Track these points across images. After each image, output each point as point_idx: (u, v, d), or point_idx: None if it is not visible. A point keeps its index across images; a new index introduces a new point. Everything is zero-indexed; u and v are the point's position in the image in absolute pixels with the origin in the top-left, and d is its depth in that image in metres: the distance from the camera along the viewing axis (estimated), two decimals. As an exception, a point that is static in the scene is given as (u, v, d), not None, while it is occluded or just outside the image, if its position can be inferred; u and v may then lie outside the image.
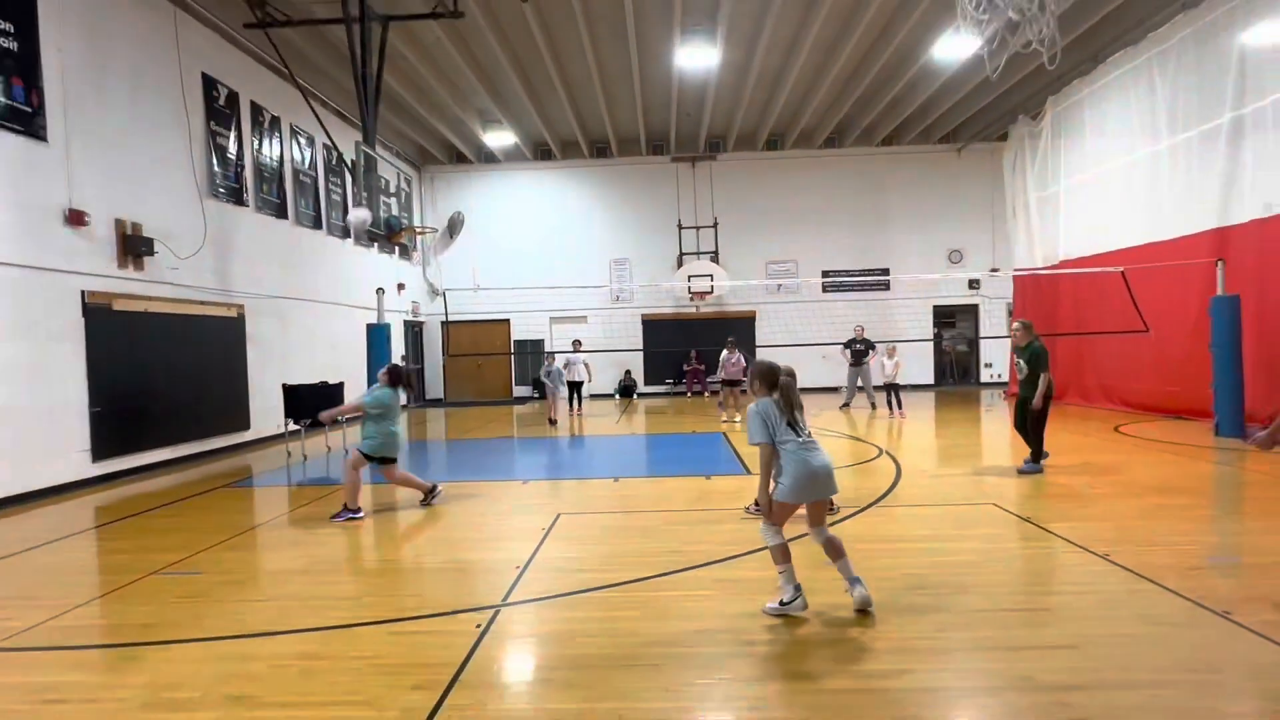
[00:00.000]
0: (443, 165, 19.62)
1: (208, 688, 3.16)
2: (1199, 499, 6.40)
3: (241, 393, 11.25)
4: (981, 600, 3.97)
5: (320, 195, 14.01)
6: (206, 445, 10.44)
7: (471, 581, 4.55)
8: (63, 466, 7.98)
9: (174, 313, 9.76)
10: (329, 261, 14.29)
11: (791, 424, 3.80)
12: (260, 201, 11.91)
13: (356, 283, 14.87)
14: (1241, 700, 2.80)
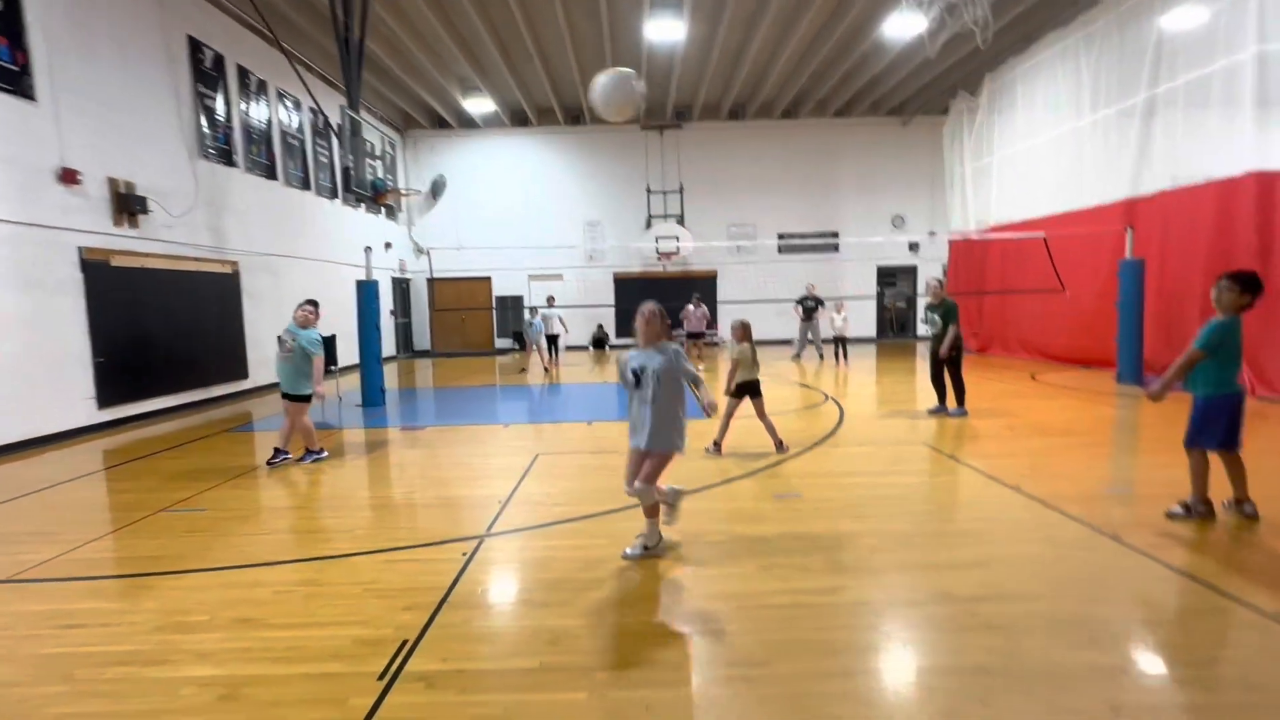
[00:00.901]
0: (425, 129, 18.94)
1: (216, 611, 3.17)
2: (1100, 438, 6.67)
3: (239, 344, 10.98)
4: (908, 526, 4.13)
5: (308, 157, 13.47)
6: (207, 393, 10.22)
7: (457, 515, 4.59)
8: (70, 413, 7.77)
9: (171, 269, 9.41)
10: (318, 221, 13.84)
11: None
12: (250, 163, 11.41)
13: (345, 241, 14.45)
14: (1118, 606, 2.99)
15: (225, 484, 5.53)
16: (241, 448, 7.16)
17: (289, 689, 2.51)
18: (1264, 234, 8.37)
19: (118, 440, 7.65)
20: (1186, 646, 2.67)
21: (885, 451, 6.14)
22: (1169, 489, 4.28)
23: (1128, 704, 2.29)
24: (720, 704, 2.35)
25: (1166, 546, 3.61)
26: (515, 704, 2.38)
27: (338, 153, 14.34)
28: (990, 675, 2.46)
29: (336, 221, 14.56)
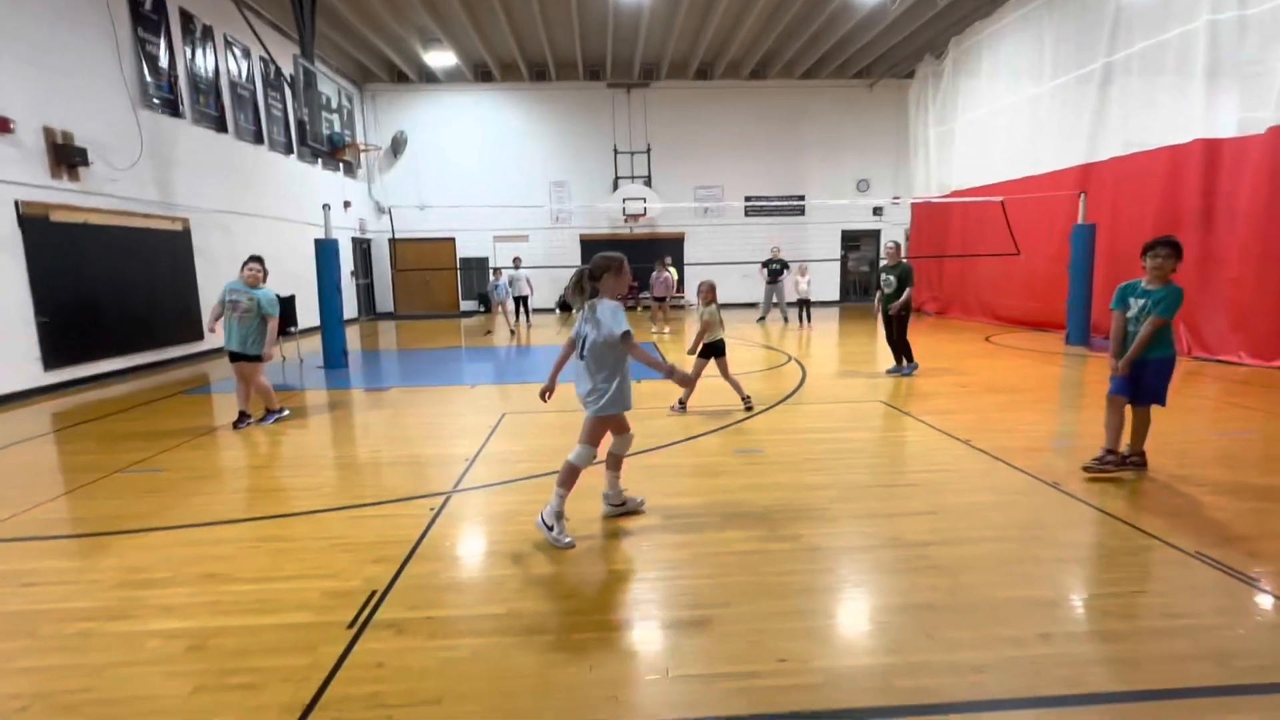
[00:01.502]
0: (384, 83, 18.24)
1: (179, 568, 3.16)
2: (1047, 395, 6.96)
3: (193, 304, 10.61)
4: (864, 478, 4.30)
5: (260, 110, 12.88)
6: (161, 355, 9.92)
7: (424, 473, 4.60)
8: (14, 375, 7.47)
9: (116, 225, 9.00)
10: (273, 177, 13.32)
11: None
12: (198, 114, 10.87)
13: (302, 199, 13.96)
14: (1054, 548, 3.18)
15: (184, 445, 5.43)
16: (199, 409, 7.01)
17: (258, 638, 2.53)
18: (1208, 199, 8.69)
19: (67, 403, 7.41)
20: (1113, 581, 2.87)
21: (844, 409, 6.32)
22: (1107, 441, 4.50)
23: (1057, 632, 2.46)
24: (681, 641, 2.45)
25: (1101, 493, 3.83)
26: (483, 646, 2.45)
27: (291, 105, 13.77)
28: (936, 611, 2.61)
29: (293, 178, 14.04)
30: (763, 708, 2.07)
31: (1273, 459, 4.54)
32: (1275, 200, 7.82)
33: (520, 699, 2.14)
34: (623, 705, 2.10)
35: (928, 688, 2.15)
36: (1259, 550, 3.07)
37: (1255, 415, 5.67)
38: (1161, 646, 2.35)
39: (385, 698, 2.16)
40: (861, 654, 2.39)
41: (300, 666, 2.34)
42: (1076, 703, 2.06)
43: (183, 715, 2.11)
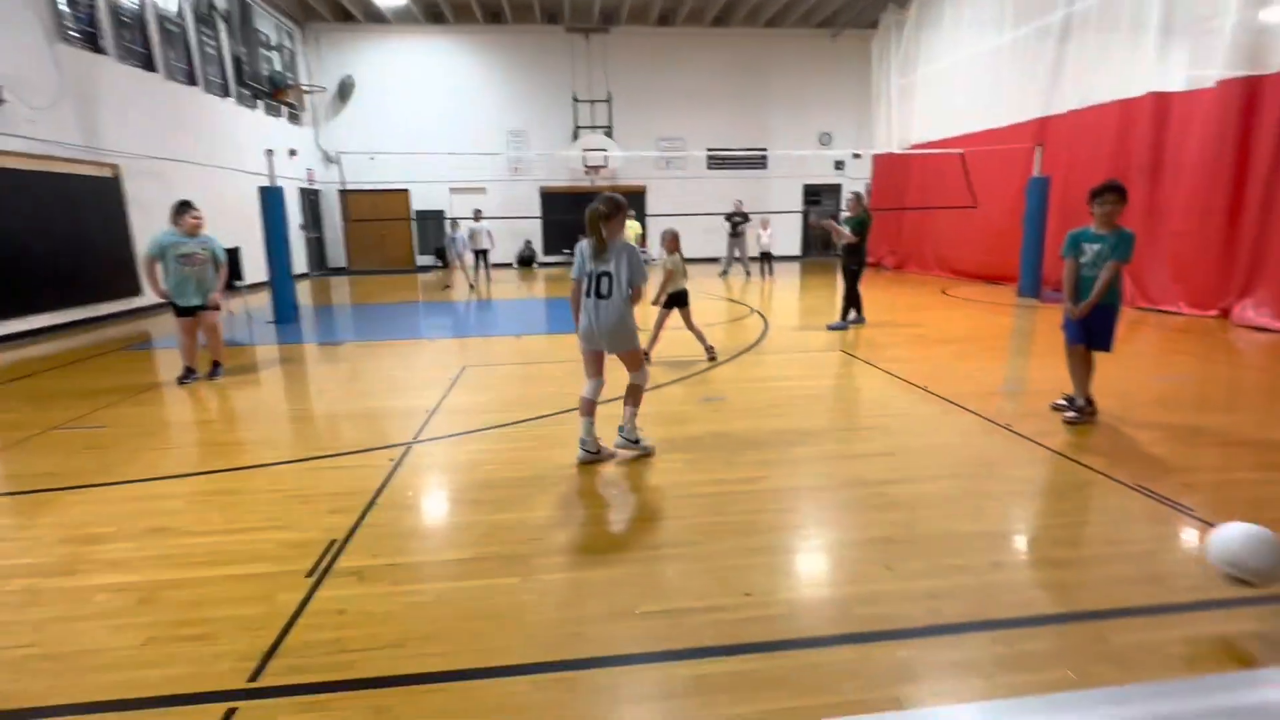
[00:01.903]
0: (328, 23, 17.19)
1: (123, 523, 3.03)
2: (999, 344, 7.16)
3: (128, 257, 10.04)
4: (825, 423, 4.37)
5: (191, 47, 12.01)
6: (96, 310, 9.40)
7: (383, 424, 4.50)
8: (-68, 331, 7.01)
9: (36, 169, 8.38)
10: (211, 122, 12.53)
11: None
12: (122, 50, 10.09)
13: (243, 145, 13.22)
14: (1006, 484, 3.29)
15: (125, 401, 5.19)
16: (141, 365, 6.69)
17: (211, 590, 2.45)
18: (1156, 153, 8.91)
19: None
20: (1060, 513, 3.00)
21: (806, 358, 6.39)
22: (1056, 385, 4.66)
23: (1006, 561, 2.56)
24: (646, 580, 2.47)
25: (1049, 433, 3.98)
26: (448, 590, 2.42)
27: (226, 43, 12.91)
28: (893, 544, 2.69)
29: (232, 123, 13.25)
30: (729, 639, 2.10)
31: (1205, 400, 4.77)
32: (1219, 155, 8.05)
33: (487, 639, 2.13)
34: (590, 641, 2.11)
35: (886, 615, 2.21)
36: (1192, 482, 3.24)
37: (1191, 361, 5.94)
38: (1104, 571, 2.46)
39: (347, 643, 2.12)
40: (823, 586, 2.44)
41: (257, 615, 2.28)
42: (1026, 624, 2.15)
43: (134, 667, 2.04)
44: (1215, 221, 8.12)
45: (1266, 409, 4.55)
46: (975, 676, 1.90)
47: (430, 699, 1.88)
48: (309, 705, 1.86)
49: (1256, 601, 2.24)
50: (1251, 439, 3.83)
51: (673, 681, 1.93)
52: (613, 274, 3.46)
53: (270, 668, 2.01)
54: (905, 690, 1.86)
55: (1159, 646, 2.02)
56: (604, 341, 3.56)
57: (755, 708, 1.79)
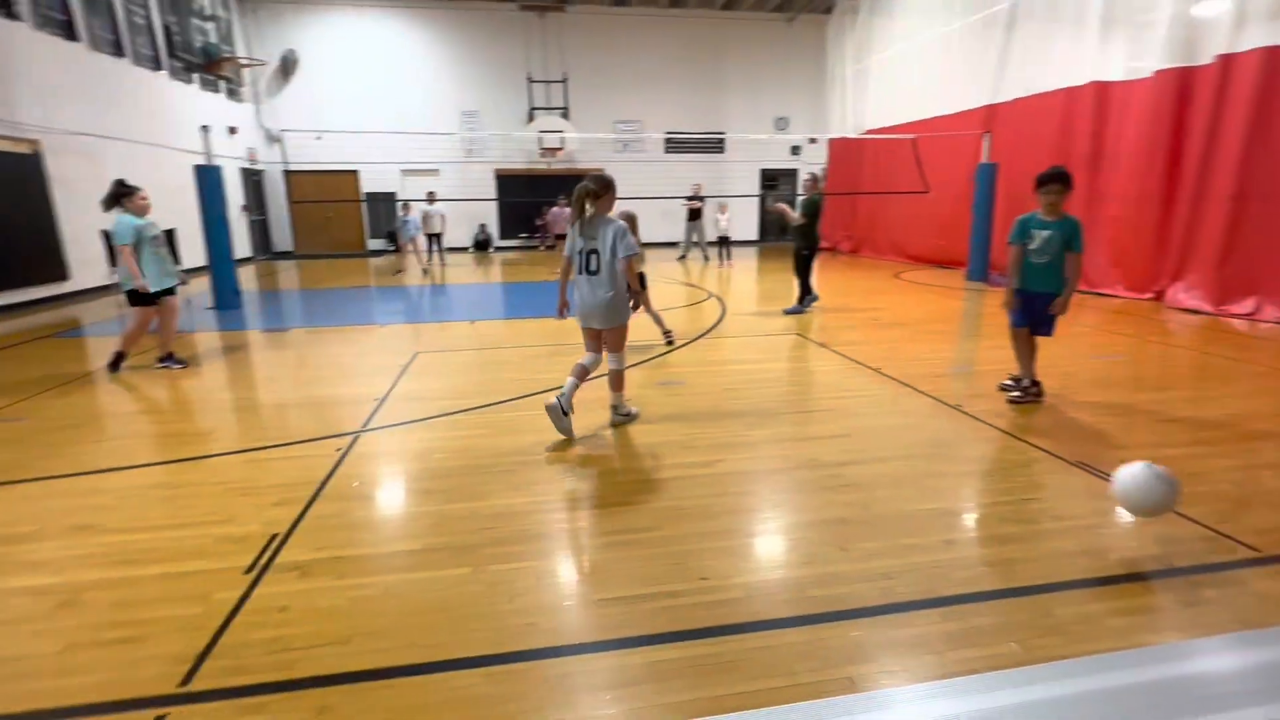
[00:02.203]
0: (268, -5, 16.40)
1: (46, 522, 2.85)
2: (949, 327, 7.33)
3: (53, 240, 9.46)
4: (781, 405, 4.39)
5: (118, 15, 11.28)
6: (18, 296, 8.83)
7: (330, 413, 4.34)
8: None
9: (-54, 145, 7.79)
10: (142, 97, 11.83)
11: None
12: (40, 18, 9.41)
13: (179, 123, 12.55)
14: (957, 464, 3.37)
15: (49, 392, 4.88)
16: (68, 354, 6.32)
17: (141, 590, 2.32)
18: (1097, 141, 9.20)
19: (-98, 350, 6.50)
20: (1007, 490, 3.07)
21: (763, 342, 6.42)
22: (1003, 366, 4.79)
23: (958, 538, 2.61)
24: (603, 566, 2.44)
25: (998, 414, 4.08)
26: (396, 583, 2.34)
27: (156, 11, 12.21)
28: (848, 525, 2.71)
29: (165, 98, 12.54)
30: (685, 624, 2.08)
31: (1140, 379, 4.97)
32: (1155, 143, 8.35)
33: (436, 633, 2.06)
34: (544, 632, 2.07)
35: (841, 595, 2.23)
36: (1129, 456, 3.32)
37: (1127, 342, 6.18)
38: (1048, 545, 2.53)
39: (289, 641, 2.03)
40: (779, 568, 2.45)
41: (191, 615, 2.16)
42: (975, 600, 2.19)
43: (51, 676, 1.90)
44: (1151, 207, 8.45)
45: (1196, 387, 4.76)
46: (927, 653, 1.92)
47: (377, 696, 1.81)
48: (247, 708, 1.77)
49: (1183, 572, 2.34)
50: (1182, 416, 4.00)
51: (626, 670, 1.90)
52: (599, 250, 3.59)
53: (204, 670, 1.91)
54: (858, 670, 1.87)
55: (1097, 618, 2.09)
56: (595, 317, 3.72)
57: (708, 693, 1.78)
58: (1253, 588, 2.24)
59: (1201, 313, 7.53)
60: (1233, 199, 7.44)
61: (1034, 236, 4.20)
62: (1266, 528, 2.62)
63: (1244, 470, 3.20)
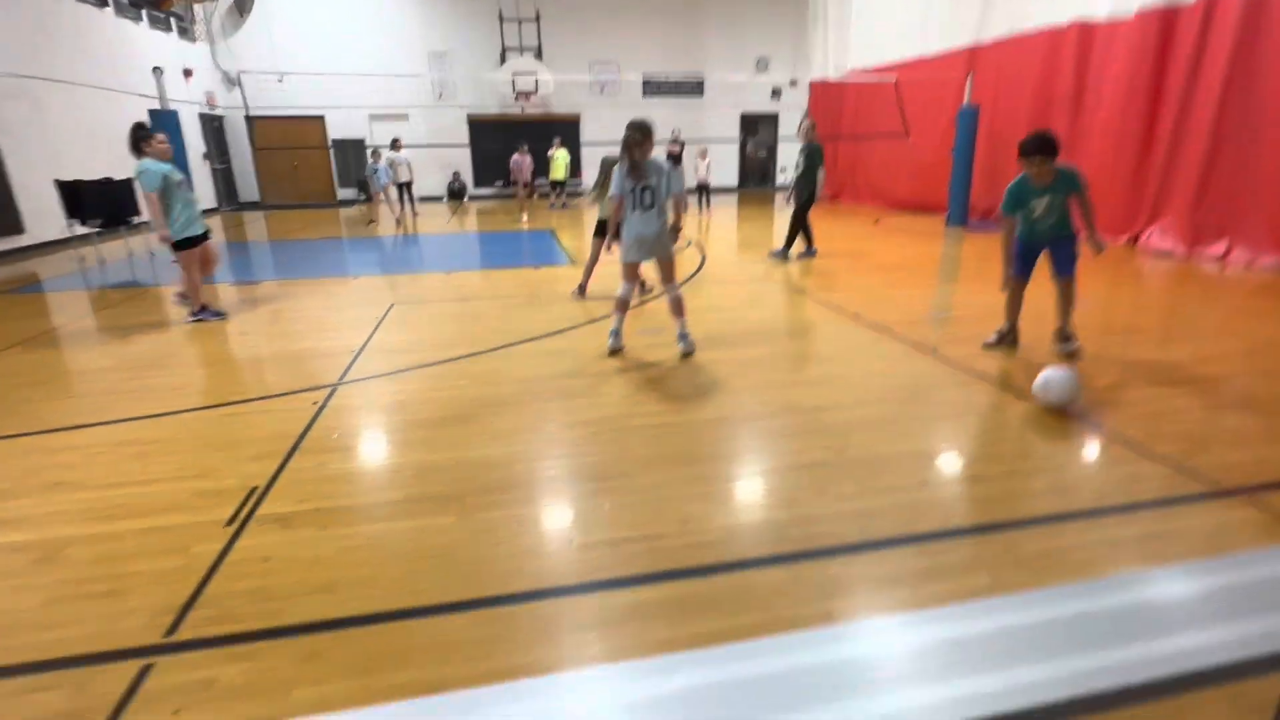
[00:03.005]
0: (217, -77, 15.36)
1: (17, 480, 2.80)
2: (927, 272, 7.36)
3: (3, 191, 9.03)
4: (760, 352, 4.41)
5: (55, -54, 10.52)
6: (-31, 251, 8.49)
7: (304, 367, 4.27)
8: None
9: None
10: (88, 37, 11.14)
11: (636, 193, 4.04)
12: (-32, -53, 8.74)
13: (129, 66, 11.88)
14: (933, 408, 3.43)
15: (12, 348, 4.75)
16: (27, 310, 6.11)
17: (120, 544, 2.31)
18: (1079, 81, 9.11)
19: None
20: (981, 432, 3.15)
21: (743, 289, 6.41)
22: (982, 311, 4.85)
23: (932, 479, 2.68)
24: (585, 513, 2.47)
25: (972, 358, 4.14)
26: (381, 532, 2.36)
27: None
28: (826, 468, 2.76)
29: (112, 37, 11.84)
30: (666, 565, 2.13)
31: (1109, 322, 5.06)
32: (1135, 83, 8.29)
33: (422, 579, 2.09)
34: (528, 576, 2.10)
35: (818, 534, 2.29)
36: (1098, 399, 3.45)
37: (1099, 286, 6.26)
38: (1018, 484, 2.61)
39: (273, 590, 2.04)
40: (759, 510, 2.50)
41: (172, 568, 2.16)
42: (947, 537, 2.26)
43: (34, 630, 1.90)
44: (1129, 149, 8.45)
45: (1164, 330, 4.86)
46: (901, 588, 1.99)
47: (364, 641, 1.84)
48: (234, 656, 1.79)
49: (1147, 507, 2.43)
50: (1149, 359, 4.09)
51: (609, 610, 1.94)
52: (654, 187, 3.99)
53: (189, 620, 1.92)
54: (835, 604, 1.93)
55: (1062, 552, 2.17)
56: (650, 249, 4.10)
57: (689, 630, 1.83)
58: (1212, 520, 2.34)
59: (1175, 256, 7.64)
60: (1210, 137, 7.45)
61: (1035, 206, 3.99)
62: (1227, 463, 2.72)
63: (1207, 409, 3.30)
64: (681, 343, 4.28)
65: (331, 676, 1.71)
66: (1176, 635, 1.02)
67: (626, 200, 4.06)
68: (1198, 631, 1.03)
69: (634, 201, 4.04)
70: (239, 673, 1.73)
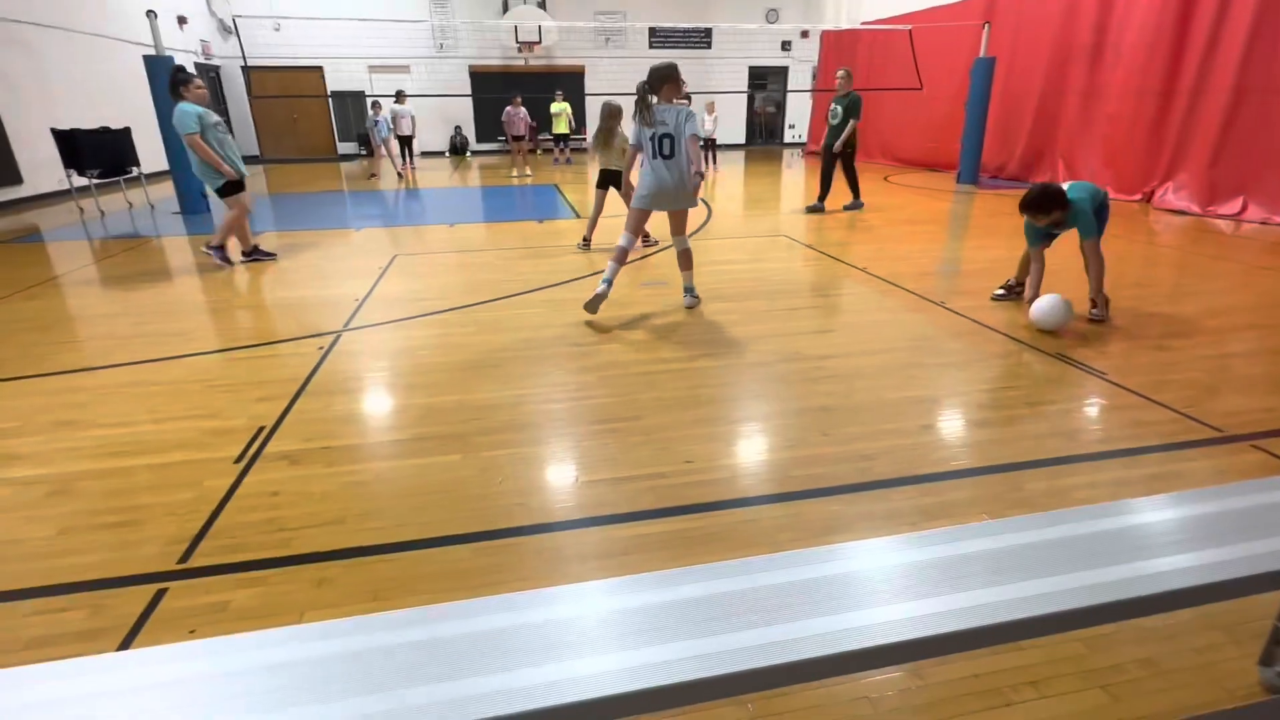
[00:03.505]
0: None
1: (27, 418, 2.83)
2: (937, 228, 7.26)
3: (0, 141, 8.92)
4: (765, 304, 4.38)
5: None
6: (-31, 201, 8.43)
7: (310, 313, 4.27)
8: None
9: None
10: (77, -21, 10.85)
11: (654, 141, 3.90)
12: (-49, -118, 8.44)
13: (121, 11, 11.60)
14: (939, 356, 3.42)
15: (15, 295, 4.75)
16: (28, 259, 6.10)
17: (131, 479, 2.34)
18: (1099, 34, 8.84)
19: None
20: (986, 380, 3.14)
21: (749, 243, 6.34)
22: (988, 266, 4.80)
23: (936, 423, 2.69)
24: (589, 453, 2.49)
25: (980, 309, 4.12)
26: (387, 469, 2.38)
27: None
28: (830, 413, 2.77)
29: (103, -19, 11.51)
30: (669, 502, 2.16)
31: (1122, 276, 5.00)
32: (1159, 36, 8.04)
33: (428, 513, 2.12)
34: (532, 510, 2.13)
35: (821, 475, 2.30)
36: (1105, 349, 3.43)
37: (1112, 241, 6.15)
38: (1022, 429, 2.62)
39: (283, 522, 2.08)
40: (762, 452, 2.52)
41: (184, 501, 2.19)
42: (949, 477, 2.28)
43: (50, 557, 1.94)
44: (1149, 104, 8.24)
45: (1175, 284, 4.81)
46: (900, 524, 2.02)
47: (372, 569, 1.87)
48: (246, 581, 1.83)
49: (1150, 450, 2.44)
50: (1159, 311, 4.06)
51: (612, 542, 1.97)
52: (673, 134, 3.81)
53: (202, 548, 1.96)
54: (835, 539, 1.96)
55: (1065, 491, 2.19)
56: (669, 198, 3.95)
57: (691, 561, 1.86)
58: (1217, 464, 2.35)
59: (1189, 214, 7.51)
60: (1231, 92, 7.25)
61: (1055, 236, 4.02)
62: (1231, 410, 2.72)
63: (1214, 359, 3.28)
64: (687, 296, 4.25)
65: (342, 600, 1.75)
66: (1156, 559, 1.04)
67: (645, 148, 3.92)
68: (1173, 555, 1.05)
69: (653, 149, 3.88)
70: (251, 596, 1.77)
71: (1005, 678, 1.48)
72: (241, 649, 0.86)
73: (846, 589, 1.00)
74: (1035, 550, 1.06)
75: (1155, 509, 1.18)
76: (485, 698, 0.78)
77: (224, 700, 0.77)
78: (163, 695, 0.78)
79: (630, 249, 4.09)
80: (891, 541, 1.11)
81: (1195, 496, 1.21)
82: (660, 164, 3.89)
